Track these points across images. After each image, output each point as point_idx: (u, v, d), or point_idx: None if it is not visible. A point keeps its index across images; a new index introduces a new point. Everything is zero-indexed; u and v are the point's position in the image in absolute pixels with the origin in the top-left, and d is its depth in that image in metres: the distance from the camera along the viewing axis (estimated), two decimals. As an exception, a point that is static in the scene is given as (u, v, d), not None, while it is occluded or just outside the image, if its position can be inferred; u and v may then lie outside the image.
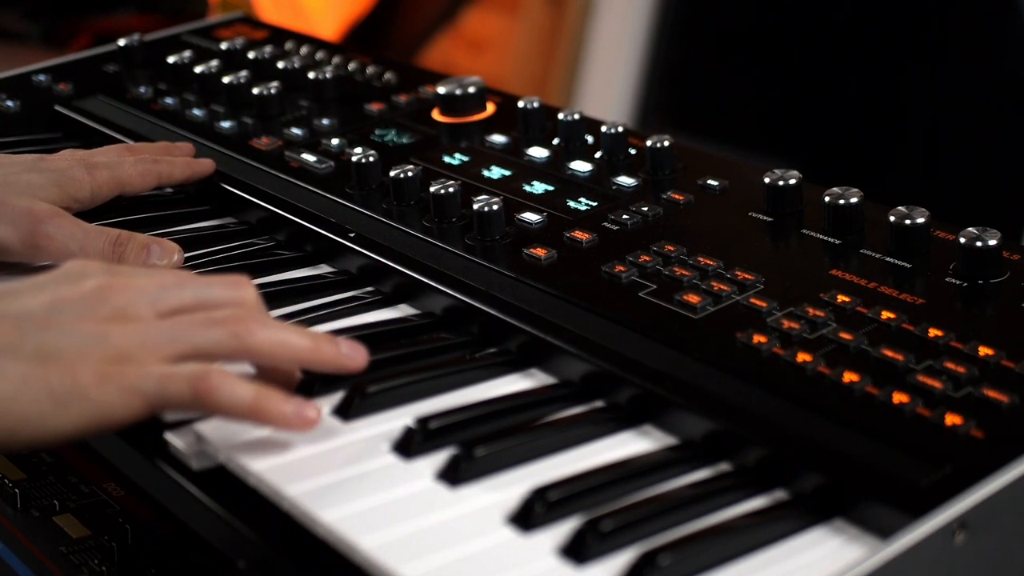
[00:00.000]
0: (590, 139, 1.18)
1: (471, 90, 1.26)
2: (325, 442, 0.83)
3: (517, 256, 0.99)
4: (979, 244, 0.91)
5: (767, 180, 1.03)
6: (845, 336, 0.85)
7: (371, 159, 1.13)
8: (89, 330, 0.81)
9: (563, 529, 0.74)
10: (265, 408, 0.81)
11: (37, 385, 0.78)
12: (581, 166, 1.13)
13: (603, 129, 1.15)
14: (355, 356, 0.86)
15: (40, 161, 1.13)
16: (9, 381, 0.78)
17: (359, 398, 0.85)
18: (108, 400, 0.79)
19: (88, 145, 1.33)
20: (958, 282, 0.91)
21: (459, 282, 0.97)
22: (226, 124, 1.29)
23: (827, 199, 0.99)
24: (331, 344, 0.85)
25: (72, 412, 0.79)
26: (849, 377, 0.81)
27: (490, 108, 1.27)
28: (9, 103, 1.40)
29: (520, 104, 1.21)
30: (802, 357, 0.84)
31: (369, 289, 1.03)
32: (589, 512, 0.74)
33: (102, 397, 0.79)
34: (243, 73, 1.35)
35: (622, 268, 0.96)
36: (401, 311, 1.00)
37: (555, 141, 1.18)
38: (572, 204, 1.07)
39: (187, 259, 1.06)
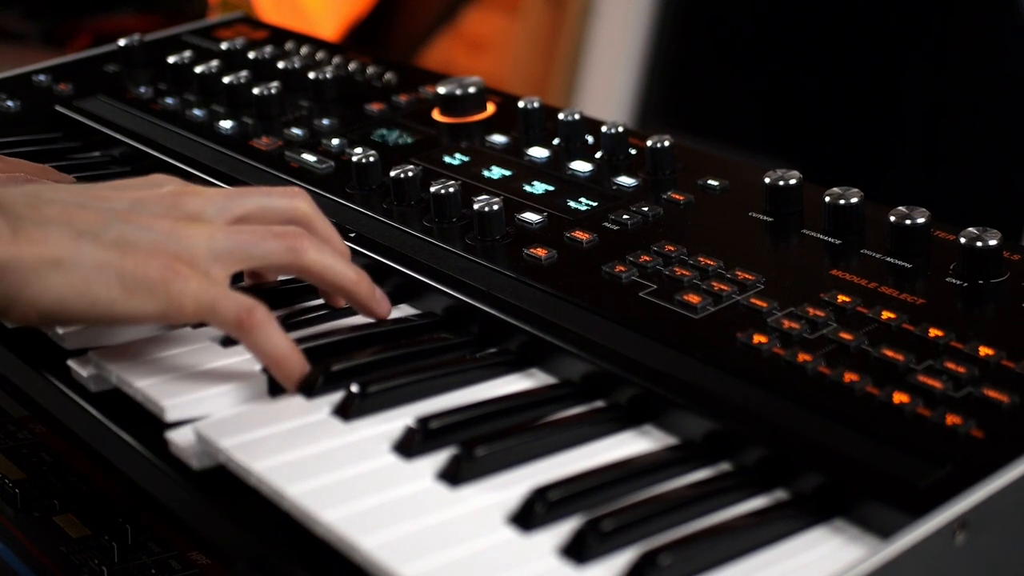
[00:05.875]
0: (590, 139, 1.18)
1: (471, 90, 1.26)
2: (325, 442, 0.83)
3: (517, 256, 0.99)
4: (979, 244, 0.91)
5: (767, 180, 1.03)
6: (845, 336, 0.85)
7: (371, 159, 1.13)
8: (164, 227, 0.88)
9: (563, 529, 0.74)
10: (287, 365, 0.88)
11: (111, 271, 0.85)
12: (581, 166, 1.13)
13: (603, 129, 1.15)
14: (384, 306, 0.96)
15: None
16: (86, 264, 0.85)
17: (359, 398, 0.85)
18: (167, 298, 0.86)
19: (88, 146, 1.34)
20: (958, 282, 0.91)
21: (459, 282, 0.97)
22: (226, 124, 1.29)
23: (827, 199, 0.99)
24: (370, 286, 0.94)
25: (135, 301, 0.86)
26: (849, 377, 0.81)
27: (490, 108, 1.27)
28: (9, 103, 1.39)
29: (520, 104, 1.21)
30: (802, 357, 0.84)
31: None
32: (589, 512, 0.74)
33: (164, 294, 0.86)
34: (243, 73, 1.35)
35: (622, 268, 0.96)
36: (401, 311, 1.00)
37: (555, 141, 1.18)
38: (572, 204, 1.07)
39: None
